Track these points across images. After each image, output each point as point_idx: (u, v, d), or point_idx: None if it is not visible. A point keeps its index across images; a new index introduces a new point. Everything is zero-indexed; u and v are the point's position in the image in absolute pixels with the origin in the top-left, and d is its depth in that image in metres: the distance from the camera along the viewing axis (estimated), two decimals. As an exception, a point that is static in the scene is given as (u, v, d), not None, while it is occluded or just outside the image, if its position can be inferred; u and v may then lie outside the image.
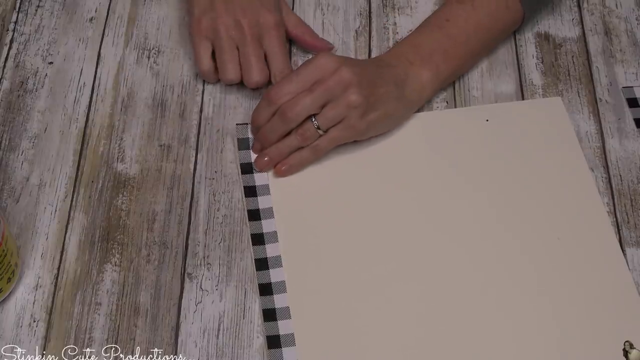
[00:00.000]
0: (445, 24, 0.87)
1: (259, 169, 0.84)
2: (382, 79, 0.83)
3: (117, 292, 0.77)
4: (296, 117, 0.80)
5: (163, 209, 0.82)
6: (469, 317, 0.76)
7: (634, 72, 0.92)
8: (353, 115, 0.81)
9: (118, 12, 0.97)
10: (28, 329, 0.75)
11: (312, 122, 0.81)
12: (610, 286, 0.78)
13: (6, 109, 0.89)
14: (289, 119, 0.80)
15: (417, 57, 0.85)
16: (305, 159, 0.83)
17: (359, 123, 0.81)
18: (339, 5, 0.98)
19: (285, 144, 0.82)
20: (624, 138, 0.88)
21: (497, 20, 0.89)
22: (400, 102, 0.84)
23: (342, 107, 0.80)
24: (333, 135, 0.82)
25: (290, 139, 0.82)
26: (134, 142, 0.87)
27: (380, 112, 0.82)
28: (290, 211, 0.82)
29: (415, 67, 0.85)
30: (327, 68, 0.80)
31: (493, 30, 0.90)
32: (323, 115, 0.81)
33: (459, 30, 0.87)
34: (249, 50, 0.87)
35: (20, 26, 0.95)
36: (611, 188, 0.84)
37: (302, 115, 0.80)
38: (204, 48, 0.88)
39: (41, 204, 0.82)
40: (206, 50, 0.88)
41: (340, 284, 0.77)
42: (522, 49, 0.94)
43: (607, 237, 0.80)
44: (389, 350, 0.74)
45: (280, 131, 0.82)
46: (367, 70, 0.82)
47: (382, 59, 0.86)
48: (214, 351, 0.74)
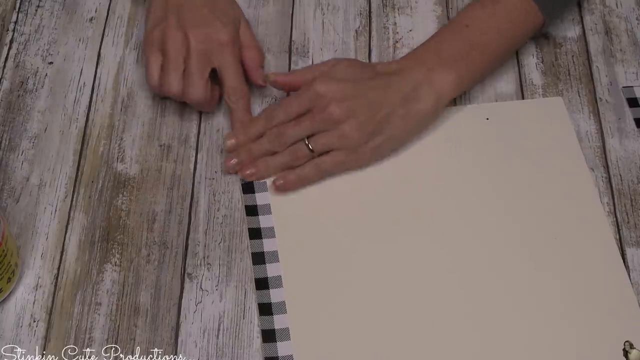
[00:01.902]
0: (465, 29, 0.85)
1: (229, 171, 0.83)
2: (385, 99, 0.81)
3: (117, 292, 0.77)
4: (285, 142, 0.81)
5: (163, 209, 0.82)
6: (467, 316, 0.76)
7: (634, 71, 0.92)
8: (351, 144, 0.80)
9: (118, 12, 0.97)
10: (28, 329, 0.75)
11: (304, 143, 0.80)
12: (610, 286, 0.78)
13: (6, 109, 0.89)
14: (277, 143, 0.81)
15: (437, 63, 0.83)
16: (305, 176, 0.82)
17: (362, 149, 0.80)
18: (339, 5, 0.98)
19: (276, 159, 0.82)
20: (624, 138, 0.88)
21: (517, 25, 0.87)
22: (407, 120, 0.82)
23: (335, 137, 0.80)
24: (338, 159, 0.81)
25: (281, 154, 0.81)
26: (134, 142, 0.87)
27: (384, 136, 0.81)
28: (288, 209, 0.82)
29: (435, 74, 0.82)
30: (319, 102, 0.80)
31: (513, 36, 0.88)
32: (316, 140, 0.80)
33: (479, 35, 0.85)
34: (192, 65, 0.83)
35: (20, 26, 0.95)
36: (611, 188, 0.84)
37: (289, 142, 0.81)
38: (154, 61, 0.84)
39: (41, 204, 0.82)
40: (156, 62, 0.84)
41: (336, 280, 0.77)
42: (522, 48, 0.94)
43: (605, 237, 0.80)
44: (384, 346, 0.74)
45: (265, 149, 0.82)
46: (367, 95, 0.80)
47: (395, 68, 0.84)
48: (214, 351, 0.74)
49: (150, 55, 0.85)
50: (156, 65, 0.85)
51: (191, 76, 0.84)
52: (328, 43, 0.95)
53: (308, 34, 0.95)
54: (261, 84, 0.88)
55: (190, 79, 0.84)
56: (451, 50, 0.84)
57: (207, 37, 0.84)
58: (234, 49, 0.86)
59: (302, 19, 0.96)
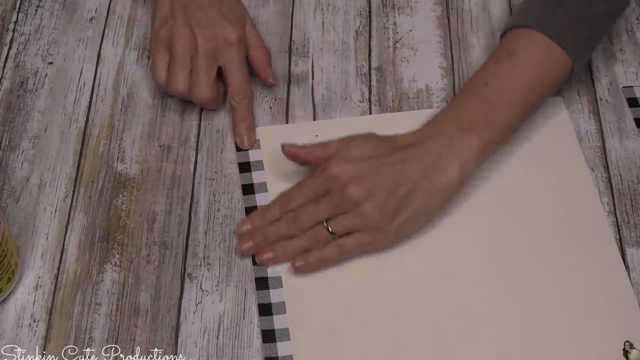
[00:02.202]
0: (484, 89, 0.80)
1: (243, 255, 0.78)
2: (405, 175, 0.75)
3: (117, 292, 0.77)
4: (302, 226, 0.76)
5: (163, 210, 0.82)
6: (467, 316, 0.76)
7: (634, 71, 0.92)
8: (373, 225, 0.75)
9: (118, 12, 0.97)
10: (28, 329, 0.75)
11: (323, 226, 0.76)
12: (610, 286, 0.78)
13: (6, 109, 0.89)
14: (294, 227, 0.76)
15: (457, 130, 0.77)
16: (327, 258, 0.77)
17: (385, 229, 0.76)
18: (339, 5, 0.98)
19: (294, 243, 0.77)
20: (624, 138, 0.88)
21: (542, 75, 0.81)
22: (431, 193, 0.76)
23: (355, 218, 0.75)
24: (361, 240, 0.76)
25: (300, 238, 0.77)
26: (134, 142, 0.87)
27: (407, 214, 0.76)
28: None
29: (456, 142, 0.77)
30: (336, 184, 0.75)
31: (539, 87, 0.81)
32: (336, 222, 0.76)
33: (499, 94, 0.79)
34: (200, 64, 0.83)
35: (20, 26, 0.95)
36: (611, 188, 0.84)
37: (307, 226, 0.76)
38: (161, 59, 0.84)
39: (41, 204, 0.82)
40: (163, 61, 0.84)
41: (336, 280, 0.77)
42: (522, 48, 0.94)
43: (605, 237, 0.80)
44: (384, 346, 0.74)
45: (282, 233, 0.77)
46: (385, 173, 0.75)
47: (414, 140, 0.78)
48: (214, 351, 0.74)
49: (157, 53, 0.85)
50: (163, 64, 0.85)
51: (198, 75, 0.84)
52: (328, 43, 0.95)
53: (308, 34, 0.95)
54: (271, 82, 0.88)
55: (198, 78, 0.84)
56: (471, 114, 0.79)
57: (215, 36, 0.84)
58: (240, 48, 0.86)
59: (302, 19, 0.96)
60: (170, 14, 0.86)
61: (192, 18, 0.85)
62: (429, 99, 0.90)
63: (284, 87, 0.91)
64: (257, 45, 0.89)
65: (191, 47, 0.84)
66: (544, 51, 0.80)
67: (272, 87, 0.90)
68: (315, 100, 0.90)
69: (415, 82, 0.92)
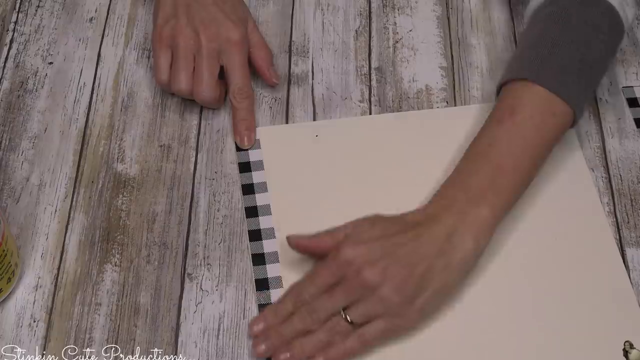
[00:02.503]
0: (489, 150, 0.77)
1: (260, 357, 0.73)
2: (419, 253, 0.72)
3: (117, 292, 0.77)
4: (318, 319, 0.72)
5: (163, 210, 0.82)
6: (466, 316, 0.76)
7: (634, 71, 0.92)
8: (394, 309, 0.71)
9: (118, 12, 0.97)
10: (28, 329, 0.75)
11: (341, 316, 0.71)
12: (610, 286, 0.78)
13: (6, 109, 0.89)
14: (310, 321, 0.72)
15: (467, 203, 0.74)
16: (349, 351, 0.72)
17: (407, 312, 0.72)
18: (339, 5, 0.98)
19: (312, 339, 0.72)
20: (624, 138, 0.88)
21: (545, 131, 0.78)
22: (448, 270, 0.72)
23: (374, 304, 0.71)
24: (383, 326, 0.71)
25: (317, 332, 0.72)
26: (134, 143, 0.87)
27: (428, 293, 0.72)
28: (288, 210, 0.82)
29: (467, 215, 0.74)
30: (349, 269, 0.71)
31: (543, 144, 0.78)
32: (354, 310, 0.71)
33: (505, 156, 0.76)
34: (203, 64, 0.83)
35: (20, 26, 0.95)
36: (611, 188, 0.84)
37: (324, 318, 0.72)
38: (164, 58, 0.84)
39: (41, 204, 0.82)
40: (166, 60, 0.84)
41: None
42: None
43: (605, 237, 0.80)
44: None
45: (298, 329, 0.72)
46: (399, 252, 0.72)
47: (423, 217, 0.75)
48: (214, 351, 0.74)
49: (159, 52, 0.85)
50: (166, 63, 0.85)
51: (201, 75, 0.84)
52: (328, 43, 0.95)
53: (308, 34, 0.95)
54: (274, 82, 0.89)
55: (201, 77, 0.84)
56: (477, 181, 0.75)
57: (218, 36, 0.84)
58: (243, 48, 0.86)
59: (302, 19, 0.96)
60: (173, 13, 0.86)
61: (195, 17, 0.85)
62: (429, 99, 0.90)
63: (284, 87, 0.91)
64: (260, 45, 0.89)
65: (194, 46, 0.84)
66: (545, 106, 0.78)
67: (272, 87, 0.90)
68: (315, 100, 0.90)
69: (415, 82, 0.92)
